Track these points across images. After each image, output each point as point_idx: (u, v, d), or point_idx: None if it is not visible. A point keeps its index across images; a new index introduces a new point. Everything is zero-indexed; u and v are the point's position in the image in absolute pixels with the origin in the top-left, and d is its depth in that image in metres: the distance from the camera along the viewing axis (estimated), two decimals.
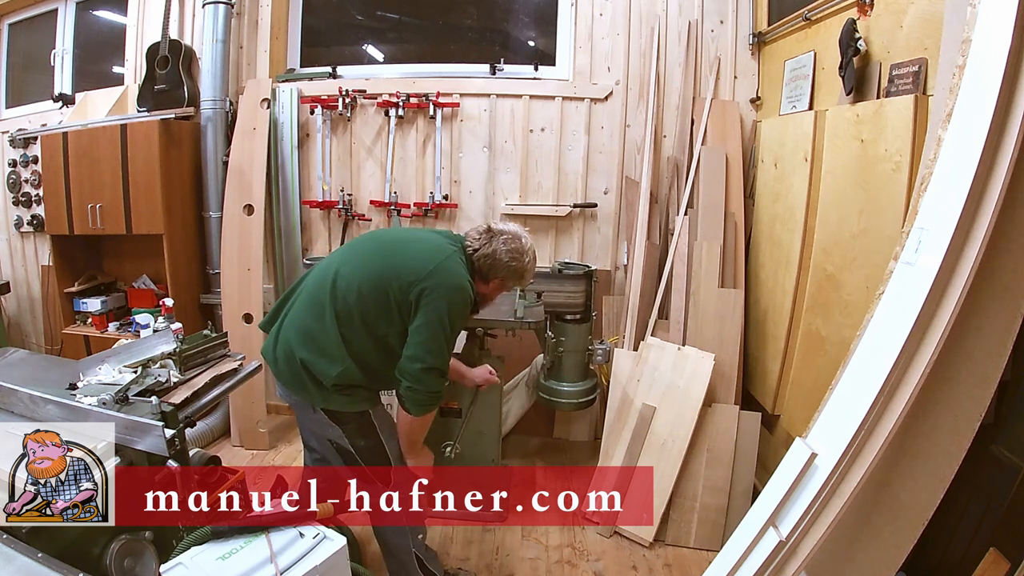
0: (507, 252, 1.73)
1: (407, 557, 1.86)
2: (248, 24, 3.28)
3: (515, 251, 1.74)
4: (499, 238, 1.74)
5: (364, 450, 1.74)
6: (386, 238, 1.88)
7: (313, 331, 1.67)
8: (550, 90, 3.14)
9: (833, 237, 2.12)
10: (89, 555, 1.45)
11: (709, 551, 2.36)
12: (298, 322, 1.71)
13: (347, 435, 1.72)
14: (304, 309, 1.72)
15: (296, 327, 1.71)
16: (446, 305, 1.61)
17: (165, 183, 3.01)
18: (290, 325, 1.73)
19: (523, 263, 1.76)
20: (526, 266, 1.77)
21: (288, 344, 1.70)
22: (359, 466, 1.75)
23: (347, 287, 1.66)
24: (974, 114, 1.21)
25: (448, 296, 1.62)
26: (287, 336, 1.72)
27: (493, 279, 1.77)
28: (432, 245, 1.73)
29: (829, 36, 2.24)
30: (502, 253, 1.72)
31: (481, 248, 1.74)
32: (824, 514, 1.30)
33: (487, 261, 1.73)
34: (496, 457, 2.50)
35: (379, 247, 1.78)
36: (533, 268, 1.82)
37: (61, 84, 3.69)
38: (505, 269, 1.74)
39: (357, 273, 1.68)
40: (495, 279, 1.77)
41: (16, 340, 3.88)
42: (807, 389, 2.25)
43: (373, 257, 1.73)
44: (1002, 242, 1.20)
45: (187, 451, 1.72)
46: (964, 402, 1.26)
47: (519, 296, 2.48)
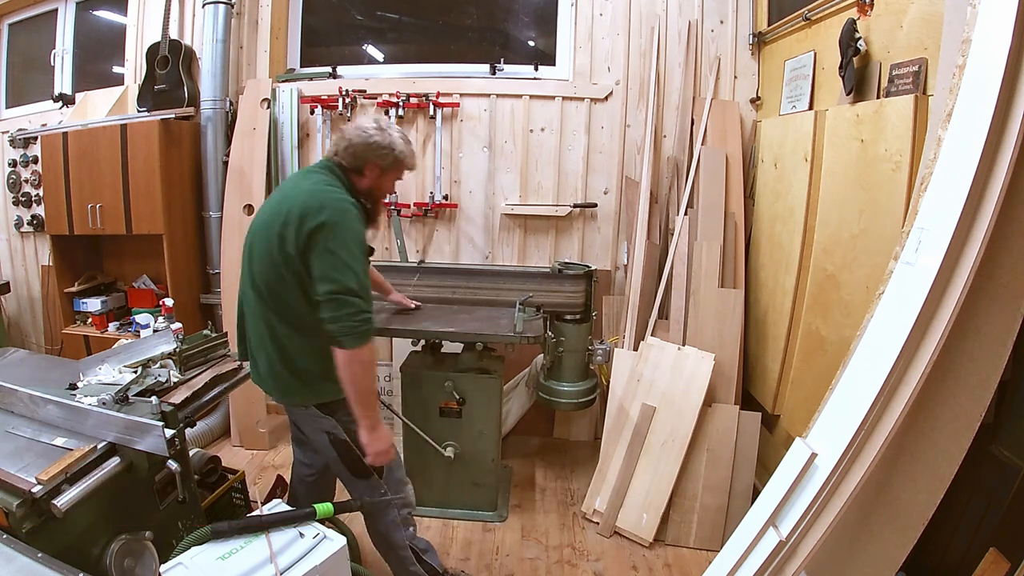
0: (361, 134, 1.68)
1: (404, 552, 1.88)
2: (248, 24, 3.28)
3: (368, 129, 1.68)
4: (350, 129, 1.71)
5: (356, 437, 1.72)
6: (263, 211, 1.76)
7: (266, 334, 1.67)
8: (550, 90, 3.14)
9: (833, 237, 2.12)
10: (89, 555, 1.45)
11: (709, 551, 2.36)
12: (256, 334, 1.72)
13: (341, 423, 1.73)
14: (253, 319, 1.72)
15: (257, 339, 1.72)
16: (330, 225, 1.54)
17: (165, 183, 3.01)
18: (255, 343, 1.74)
19: (383, 137, 1.68)
20: (387, 139, 1.69)
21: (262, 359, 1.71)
22: (354, 455, 1.74)
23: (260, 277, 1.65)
24: (974, 114, 1.21)
25: (326, 218, 1.54)
26: (256, 354, 1.74)
27: (366, 168, 1.71)
28: (295, 188, 1.68)
29: (829, 36, 2.24)
30: (354, 136, 1.68)
31: (339, 147, 1.71)
32: (824, 514, 1.30)
33: (347, 152, 1.69)
34: (496, 457, 2.50)
35: (259, 225, 1.71)
36: (400, 141, 1.72)
37: (61, 84, 3.69)
38: (366, 149, 1.68)
39: (258, 260, 1.66)
40: (367, 166, 1.70)
41: (16, 340, 3.88)
42: (807, 389, 2.25)
43: (259, 237, 1.67)
44: (1002, 242, 1.20)
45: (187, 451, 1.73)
46: (964, 402, 1.26)
47: (518, 310, 2.49)
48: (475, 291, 2.77)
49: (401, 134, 1.75)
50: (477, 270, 2.91)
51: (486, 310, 2.65)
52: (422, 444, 2.44)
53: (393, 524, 1.86)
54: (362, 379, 1.58)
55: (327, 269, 1.53)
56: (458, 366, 2.46)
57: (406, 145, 1.75)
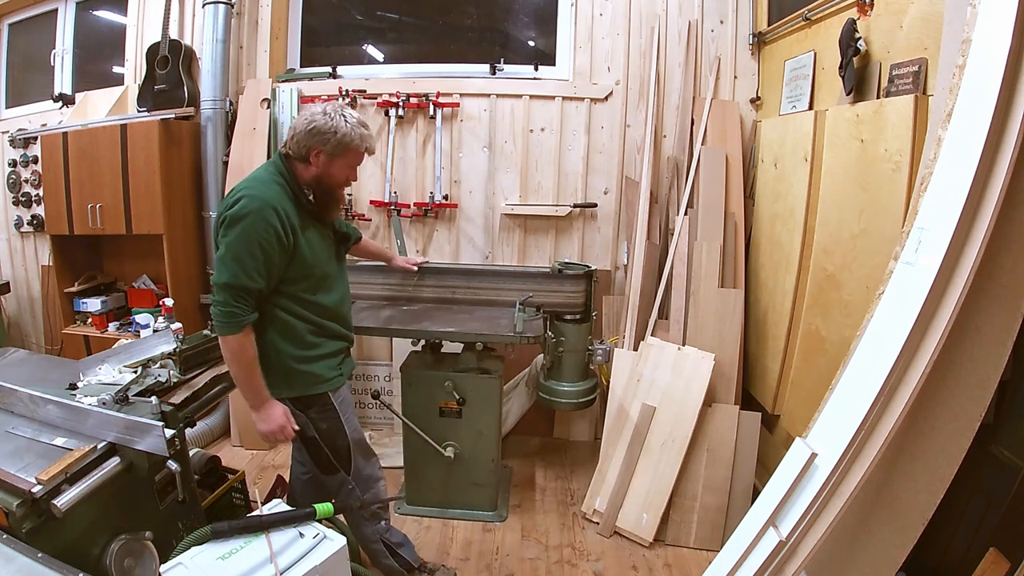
0: (303, 121, 1.66)
1: (375, 545, 1.95)
2: (248, 24, 3.28)
3: (311, 115, 1.65)
4: (298, 118, 1.70)
5: (326, 434, 1.78)
6: None
7: None
8: (550, 90, 3.14)
9: (833, 237, 2.12)
10: (89, 555, 1.45)
11: (709, 551, 2.36)
12: None
13: (311, 420, 1.76)
14: None
15: None
16: (227, 219, 1.58)
17: (165, 183, 3.01)
18: None
19: (324, 122, 1.64)
20: (330, 123, 1.64)
21: None
22: (322, 452, 1.79)
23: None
24: (974, 114, 1.21)
25: (227, 212, 1.58)
26: None
27: (310, 154, 1.66)
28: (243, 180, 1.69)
29: (829, 36, 2.24)
30: (298, 123, 1.67)
31: (287, 138, 1.70)
32: (824, 514, 1.30)
33: (294, 142, 1.67)
34: (496, 457, 2.50)
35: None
36: (344, 124, 1.65)
37: (61, 84, 3.69)
38: (308, 135, 1.65)
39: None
40: (311, 153, 1.66)
41: (16, 340, 3.88)
42: (807, 389, 2.25)
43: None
44: (1002, 242, 1.20)
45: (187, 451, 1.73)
46: (964, 402, 1.26)
47: (518, 310, 2.49)
48: (475, 291, 2.77)
49: (350, 117, 1.67)
50: (477, 270, 2.91)
51: (486, 310, 2.65)
52: (422, 444, 2.44)
53: (363, 519, 1.91)
54: (231, 365, 1.65)
55: (216, 262, 1.61)
56: (458, 366, 2.46)
57: (353, 128, 1.67)
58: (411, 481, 2.57)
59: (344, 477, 1.83)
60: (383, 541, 1.96)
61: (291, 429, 1.71)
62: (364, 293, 2.75)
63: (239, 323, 1.58)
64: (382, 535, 1.95)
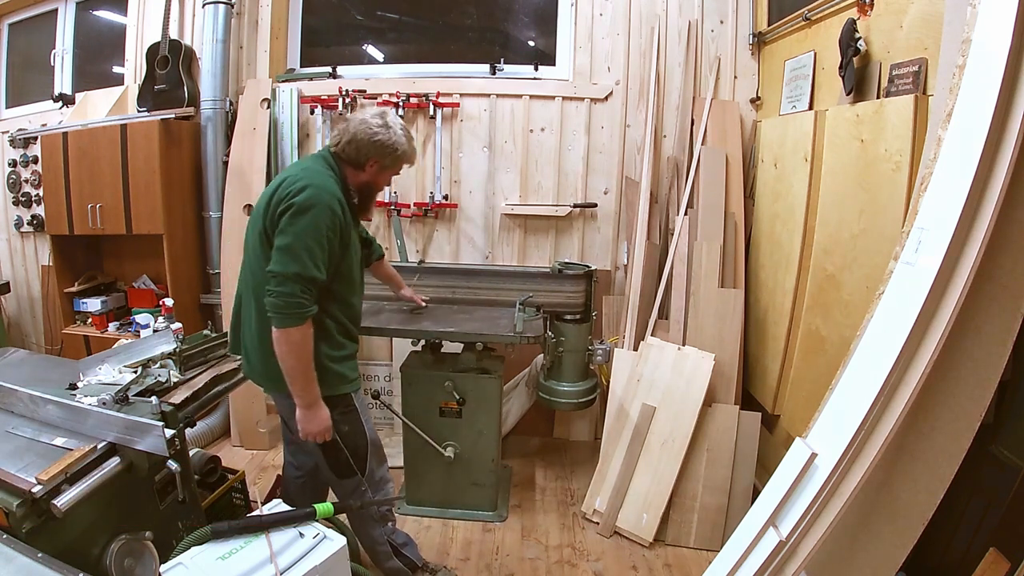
0: (367, 130, 1.67)
1: (382, 547, 1.94)
2: (248, 24, 3.28)
3: (375, 126, 1.67)
4: (354, 122, 1.69)
5: (348, 436, 1.76)
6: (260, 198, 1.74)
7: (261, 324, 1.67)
8: (550, 90, 3.14)
9: (833, 237, 2.12)
10: (89, 555, 1.45)
11: (709, 551, 2.36)
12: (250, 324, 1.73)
13: (333, 422, 1.73)
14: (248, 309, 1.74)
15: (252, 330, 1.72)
16: (298, 208, 1.54)
17: (165, 183, 3.01)
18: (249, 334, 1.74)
19: (388, 136, 1.68)
20: (393, 137, 1.69)
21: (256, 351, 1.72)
22: (342, 455, 1.76)
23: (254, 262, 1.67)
24: (974, 114, 1.21)
25: (298, 200, 1.54)
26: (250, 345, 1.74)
27: (367, 163, 1.70)
28: (290, 170, 1.68)
29: (829, 36, 2.24)
30: (362, 133, 1.67)
31: (342, 139, 1.69)
32: (824, 514, 1.30)
33: (352, 148, 1.68)
34: (496, 457, 2.50)
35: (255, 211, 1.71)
36: (404, 140, 1.72)
37: (61, 84, 3.69)
38: (372, 147, 1.68)
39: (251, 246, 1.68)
40: (368, 162, 1.70)
41: (16, 340, 3.88)
42: (807, 389, 2.25)
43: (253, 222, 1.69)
44: (1002, 242, 1.20)
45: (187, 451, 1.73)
46: (964, 402, 1.26)
47: (518, 310, 2.49)
48: (475, 291, 2.77)
49: (404, 130, 1.74)
50: (477, 270, 2.91)
51: (486, 310, 2.65)
52: (422, 444, 2.44)
53: (372, 521, 1.90)
54: (288, 359, 1.58)
55: (279, 252, 1.55)
56: (458, 366, 2.46)
57: (409, 143, 1.74)
58: (411, 481, 2.57)
59: (359, 480, 1.80)
60: (389, 542, 1.95)
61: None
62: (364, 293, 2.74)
63: (304, 315, 1.55)
64: (388, 536, 1.95)
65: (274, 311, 1.54)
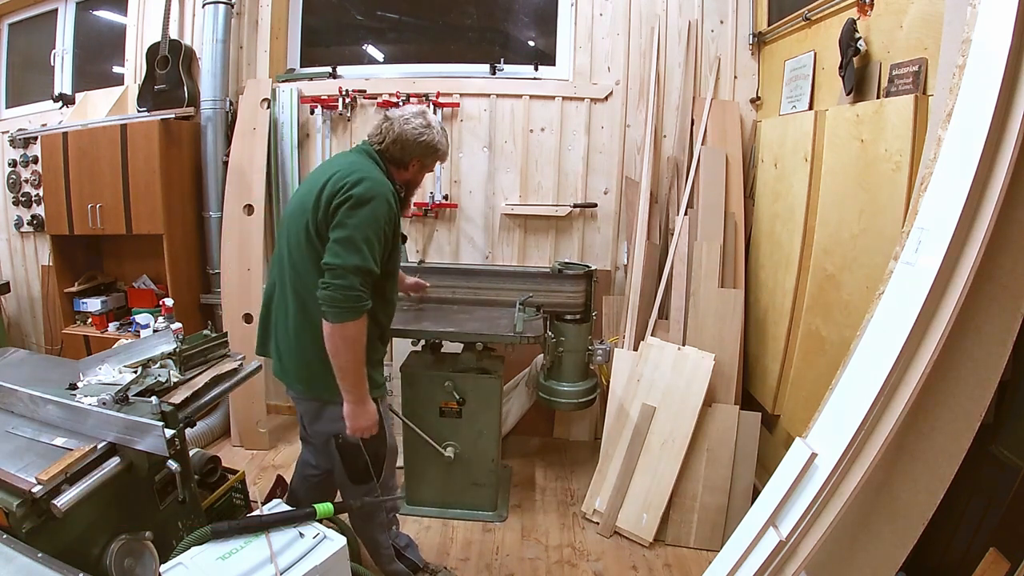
0: (413, 130, 1.70)
1: (387, 550, 1.94)
2: (248, 24, 3.28)
3: (420, 127, 1.71)
4: (399, 122, 1.71)
5: (370, 442, 1.73)
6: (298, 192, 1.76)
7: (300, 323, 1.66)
8: (550, 90, 3.14)
9: (833, 237, 2.12)
10: (89, 555, 1.45)
11: (709, 551, 2.36)
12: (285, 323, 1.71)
13: None
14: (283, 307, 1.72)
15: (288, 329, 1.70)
16: (356, 200, 1.54)
17: (165, 183, 3.01)
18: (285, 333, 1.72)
19: (432, 136, 1.72)
20: (436, 137, 1.74)
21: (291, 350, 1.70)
22: (361, 460, 1.74)
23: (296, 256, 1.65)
24: (974, 114, 1.21)
25: (356, 192, 1.54)
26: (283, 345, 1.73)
27: (411, 162, 1.74)
28: (337, 163, 1.69)
29: (829, 36, 2.24)
30: (408, 133, 1.70)
31: (386, 138, 1.71)
32: (824, 514, 1.30)
33: (397, 147, 1.70)
34: (496, 457, 2.50)
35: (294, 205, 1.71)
36: (444, 140, 1.78)
37: (61, 84, 3.69)
38: (417, 147, 1.71)
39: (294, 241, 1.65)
40: (412, 161, 1.74)
41: (16, 340, 3.88)
42: (807, 389, 2.25)
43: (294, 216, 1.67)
44: (1002, 242, 1.20)
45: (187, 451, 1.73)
46: (964, 402, 1.26)
47: (518, 310, 2.49)
48: (475, 291, 2.77)
49: (442, 128, 1.77)
50: (477, 270, 2.91)
51: (486, 310, 2.65)
52: (422, 444, 2.44)
53: (380, 526, 1.90)
54: (343, 354, 1.57)
55: (337, 244, 1.53)
56: (458, 366, 2.46)
57: (448, 145, 1.79)
58: (411, 481, 2.57)
59: (373, 486, 1.79)
60: (393, 545, 1.96)
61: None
62: None
63: (362, 308, 1.54)
64: (392, 539, 1.96)
65: (330, 304, 1.51)
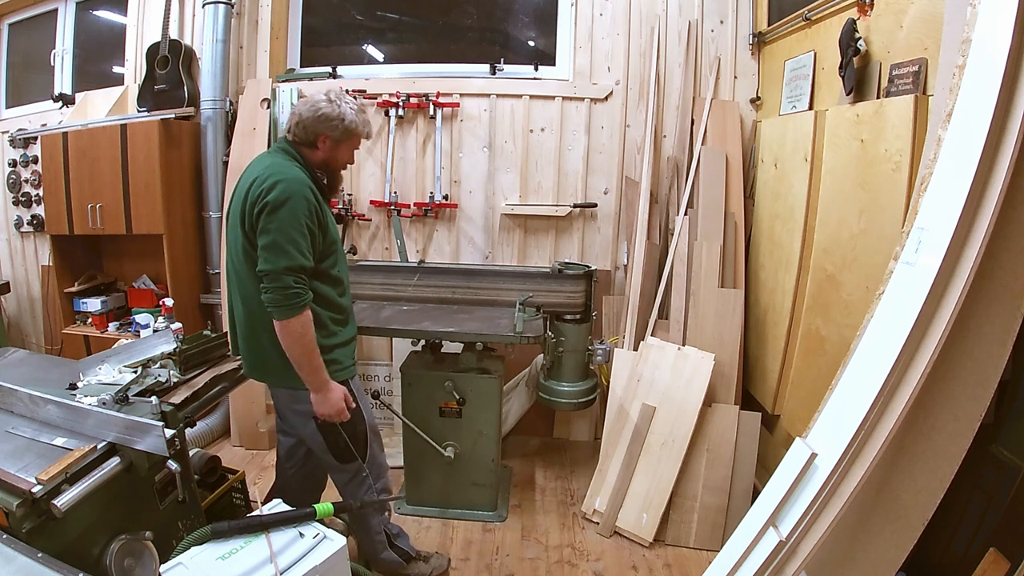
0: (309, 108, 1.69)
1: (379, 536, 1.98)
2: (248, 24, 3.28)
3: (318, 102, 1.70)
4: (299, 104, 1.74)
5: (346, 422, 1.78)
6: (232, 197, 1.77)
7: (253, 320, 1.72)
8: (550, 90, 3.14)
9: (833, 237, 2.12)
10: (89, 555, 1.45)
11: (709, 551, 2.36)
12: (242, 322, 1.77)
13: None
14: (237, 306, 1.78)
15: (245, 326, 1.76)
16: (272, 206, 1.57)
17: (165, 183, 3.01)
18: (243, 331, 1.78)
19: (332, 109, 1.70)
20: (336, 110, 1.70)
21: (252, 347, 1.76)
22: (341, 440, 1.79)
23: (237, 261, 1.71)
24: (974, 114, 1.21)
25: (270, 198, 1.57)
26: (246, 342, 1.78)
27: (318, 140, 1.72)
28: (255, 169, 1.70)
29: (829, 36, 2.24)
30: (304, 110, 1.70)
31: (291, 125, 1.73)
32: (824, 514, 1.30)
33: (300, 128, 1.71)
34: (496, 457, 2.50)
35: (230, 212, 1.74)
36: (351, 112, 1.73)
37: (61, 84, 3.69)
38: (315, 122, 1.70)
39: (232, 245, 1.72)
40: (320, 138, 1.72)
41: (16, 340, 3.88)
42: (807, 389, 2.25)
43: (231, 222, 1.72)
44: (1002, 242, 1.20)
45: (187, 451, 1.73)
46: (964, 402, 1.26)
47: (518, 310, 2.49)
48: (475, 291, 2.77)
49: (352, 103, 1.75)
50: (477, 270, 2.91)
51: (486, 310, 2.65)
52: (422, 444, 2.44)
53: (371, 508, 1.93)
54: (293, 347, 1.63)
55: (265, 250, 1.59)
56: (458, 366, 2.46)
57: (358, 115, 1.75)
58: (411, 481, 2.57)
59: (360, 464, 1.85)
60: (385, 532, 2.00)
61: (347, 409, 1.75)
62: (364, 293, 2.75)
63: (302, 304, 1.61)
64: (384, 524, 2.00)
65: (273, 306, 1.60)
